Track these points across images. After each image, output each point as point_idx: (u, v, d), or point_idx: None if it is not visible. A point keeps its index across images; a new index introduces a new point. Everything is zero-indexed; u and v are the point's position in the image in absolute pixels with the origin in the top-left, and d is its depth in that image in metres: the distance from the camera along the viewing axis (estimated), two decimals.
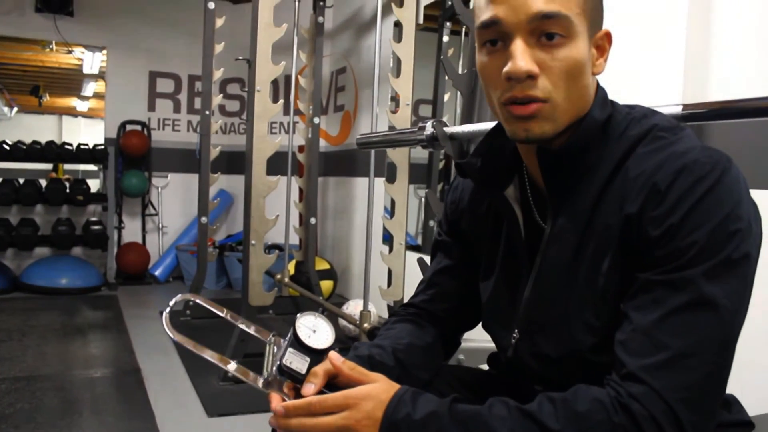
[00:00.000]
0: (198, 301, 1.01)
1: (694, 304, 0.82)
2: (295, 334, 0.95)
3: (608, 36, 0.97)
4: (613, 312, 0.91)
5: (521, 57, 0.89)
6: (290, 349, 0.94)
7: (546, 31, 0.89)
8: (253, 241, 3.36)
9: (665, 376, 0.81)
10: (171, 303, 0.99)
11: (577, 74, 0.91)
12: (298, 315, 0.98)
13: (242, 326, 1.03)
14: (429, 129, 1.79)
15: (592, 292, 0.93)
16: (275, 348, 0.98)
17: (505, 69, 0.90)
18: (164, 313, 0.97)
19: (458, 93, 1.96)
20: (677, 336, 0.82)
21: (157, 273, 6.19)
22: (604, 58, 0.97)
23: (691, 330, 0.82)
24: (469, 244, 1.18)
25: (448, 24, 4.40)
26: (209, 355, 0.97)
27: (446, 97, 4.40)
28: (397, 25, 3.78)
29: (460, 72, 1.95)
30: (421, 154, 4.05)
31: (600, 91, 0.98)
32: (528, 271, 1.03)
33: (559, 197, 0.98)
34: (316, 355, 0.95)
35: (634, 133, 0.93)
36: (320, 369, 0.94)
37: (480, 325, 1.20)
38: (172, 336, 0.94)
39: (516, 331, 1.05)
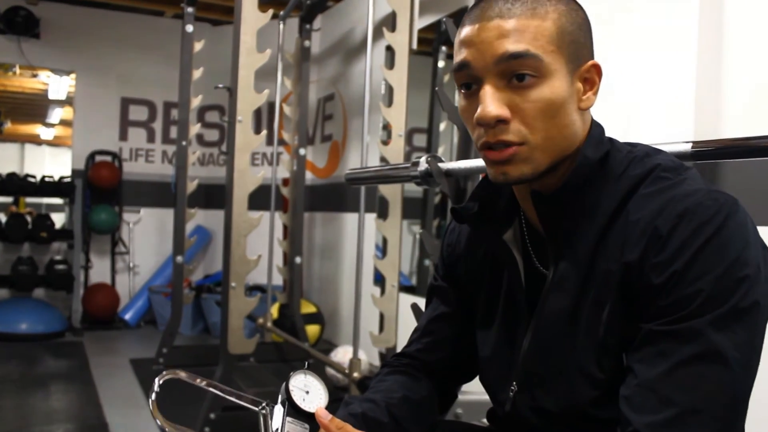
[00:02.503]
0: (180, 377, 1.01)
1: (702, 357, 0.84)
2: (290, 399, 0.95)
3: (596, 68, 1.00)
4: (616, 364, 0.93)
5: (490, 102, 0.93)
6: (288, 419, 0.94)
7: (516, 72, 0.93)
8: (233, 284, 3.36)
9: None
10: (155, 387, 0.98)
11: (553, 114, 0.94)
12: (290, 375, 0.97)
13: (230, 397, 1.02)
14: (423, 165, 1.82)
15: (594, 343, 0.95)
16: (269, 418, 0.97)
17: (475, 115, 0.95)
18: (150, 399, 0.97)
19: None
20: (685, 390, 0.84)
21: (127, 317, 6.16)
22: (593, 92, 0.99)
23: (700, 384, 0.84)
24: (466, 290, 1.20)
25: (443, 48, 4.48)
26: None
27: (442, 126, 4.46)
28: (389, 49, 3.83)
29: (456, 103, 1.99)
30: (415, 187, 4.10)
31: (595, 128, 1.01)
32: (527, 321, 1.05)
33: (559, 242, 1.01)
34: (314, 420, 0.95)
35: (635, 173, 0.96)
36: None
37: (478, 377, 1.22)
38: (163, 427, 0.94)
39: (514, 384, 1.07)
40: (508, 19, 0.93)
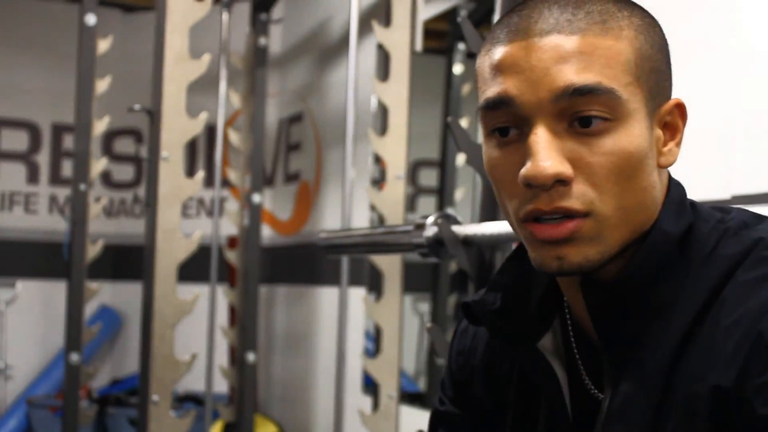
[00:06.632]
0: None
1: None
2: None
3: (680, 108, 1.03)
4: None
5: (546, 154, 0.93)
6: None
7: (581, 113, 0.95)
8: (154, 396, 3.36)
9: None
10: None
11: (632, 172, 0.96)
12: None
13: None
14: (431, 229, 1.87)
15: None
16: None
17: (523, 171, 0.94)
18: None
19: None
20: None
21: None
22: (676, 142, 1.03)
23: None
24: (486, 417, 1.22)
25: (461, 46, 4.50)
26: None
27: (461, 158, 4.48)
28: (382, 50, 3.86)
29: (477, 137, 2.05)
30: None
31: (673, 189, 1.04)
32: None
33: (620, 352, 1.03)
34: None
35: (730, 251, 0.98)
36: None
37: None
38: None
39: None
40: (570, 36, 0.95)
